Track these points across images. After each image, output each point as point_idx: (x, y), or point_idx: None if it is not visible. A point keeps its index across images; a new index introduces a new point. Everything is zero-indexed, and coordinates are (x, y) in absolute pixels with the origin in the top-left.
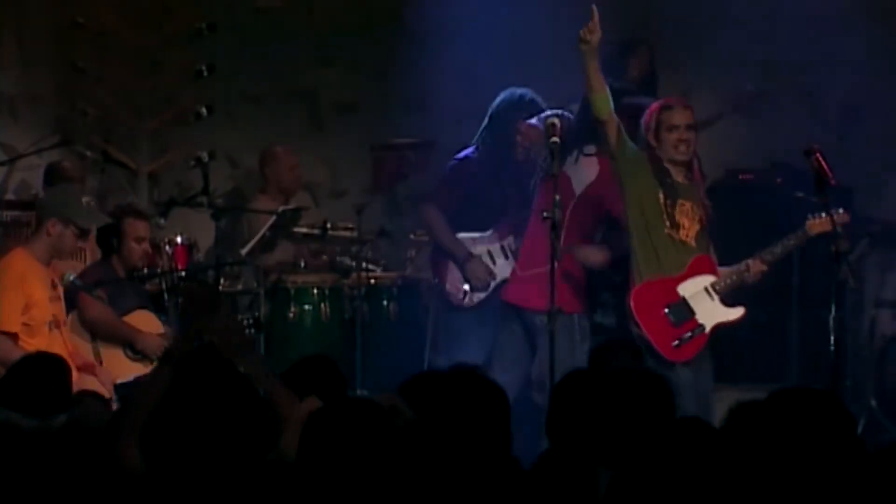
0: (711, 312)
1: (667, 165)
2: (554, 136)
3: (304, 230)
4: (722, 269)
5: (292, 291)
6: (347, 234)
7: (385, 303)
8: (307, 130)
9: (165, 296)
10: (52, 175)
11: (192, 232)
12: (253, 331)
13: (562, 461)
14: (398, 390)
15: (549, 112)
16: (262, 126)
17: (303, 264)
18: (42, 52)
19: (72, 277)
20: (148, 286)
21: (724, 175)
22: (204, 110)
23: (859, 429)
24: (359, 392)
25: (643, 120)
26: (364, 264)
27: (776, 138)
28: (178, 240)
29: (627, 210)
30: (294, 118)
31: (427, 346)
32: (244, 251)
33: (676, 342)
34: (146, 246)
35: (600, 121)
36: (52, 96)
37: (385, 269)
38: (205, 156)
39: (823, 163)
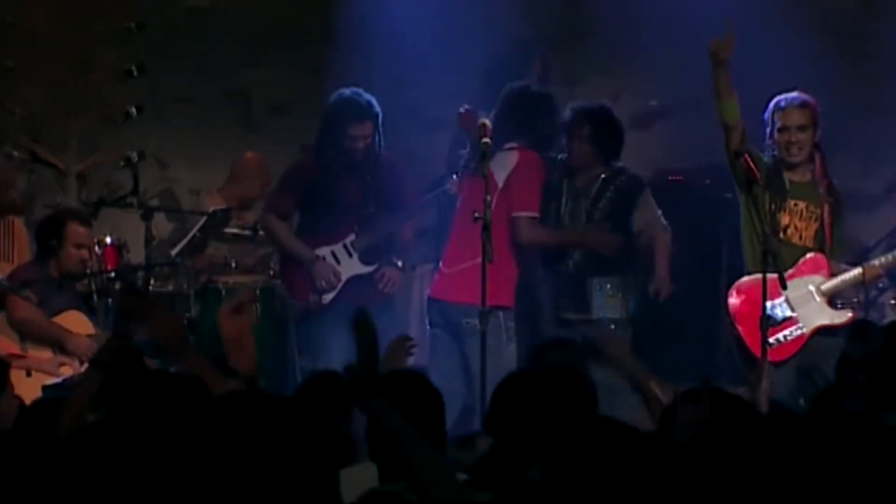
0: (814, 314)
1: (782, 165)
2: (485, 136)
3: (234, 231)
4: (844, 267)
5: (223, 292)
6: None
7: (282, 307)
8: (238, 131)
9: (95, 297)
10: None
11: (121, 232)
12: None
13: (499, 461)
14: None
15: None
16: (192, 126)
17: (234, 264)
18: None
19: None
20: (77, 287)
21: (653, 176)
22: (134, 110)
23: None
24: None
25: (765, 116)
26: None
27: (705, 140)
28: (108, 240)
29: (742, 212)
30: (225, 118)
31: (294, 351)
32: (174, 251)
33: (773, 341)
34: (85, 252)
35: (725, 126)
36: None
37: None
38: (134, 156)
39: (751, 164)
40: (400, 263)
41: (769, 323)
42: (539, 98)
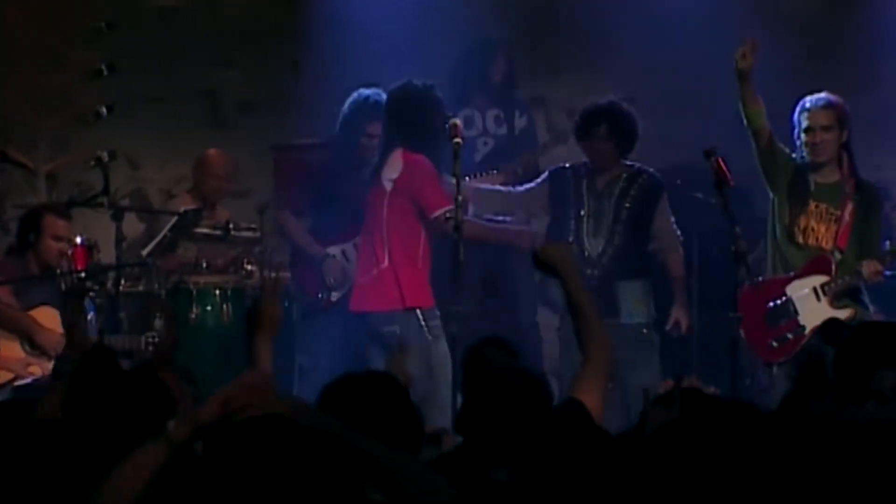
0: (815, 314)
1: (809, 166)
2: (456, 136)
3: (205, 231)
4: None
5: (194, 292)
6: (250, 234)
7: (287, 304)
8: (208, 130)
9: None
10: None
11: (91, 232)
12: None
13: (465, 460)
14: (321, 394)
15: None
16: (162, 126)
17: (204, 265)
18: None
19: None
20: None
21: None
22: (104, 110)
23: None
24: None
25: (794, 116)
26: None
27: (675, 139)
28: (78, 240)
29: (769, 213)
30: (195, 118)
31: (297, 348)
32: (144, 252)
33: (775, 342)
34: (64, 245)
35: (753, 132)
36: None
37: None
38: (105, 156)
39: (723, 164)
40: None
41: (771, 324)
42: (420, 95)
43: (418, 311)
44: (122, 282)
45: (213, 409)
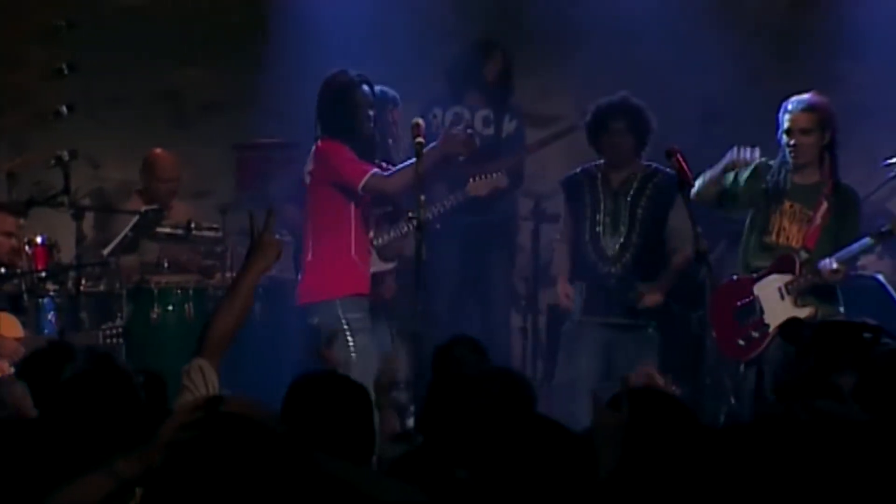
0: (779, 312)
1: (790, 166)
2: (418, 136)
3: (167, 230)
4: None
5: (155, 292)
6: (212, 234)
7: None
8: (171, 130)
9: (25, 297)
10: None
11: (52, 232)
12: (120, 339)
13: (428, 458)
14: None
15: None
16: (124, 126)
17: (166, 264)
18: None
19: None
20: (7, 288)
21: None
22: (64, 109)
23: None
24: (223, 391)
25: (778, 116)
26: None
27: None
28: (38, 240)
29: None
30: (157, 117)
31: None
32: (105, 251)
33: (742, 341)
34: (14, 242)
35: (707, 200)
36: None
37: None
38: (65, 155)
39: (684, 164)
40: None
41: (739, 323)
42: (340, 85)
43: (337, 302)
44: (83, 281)
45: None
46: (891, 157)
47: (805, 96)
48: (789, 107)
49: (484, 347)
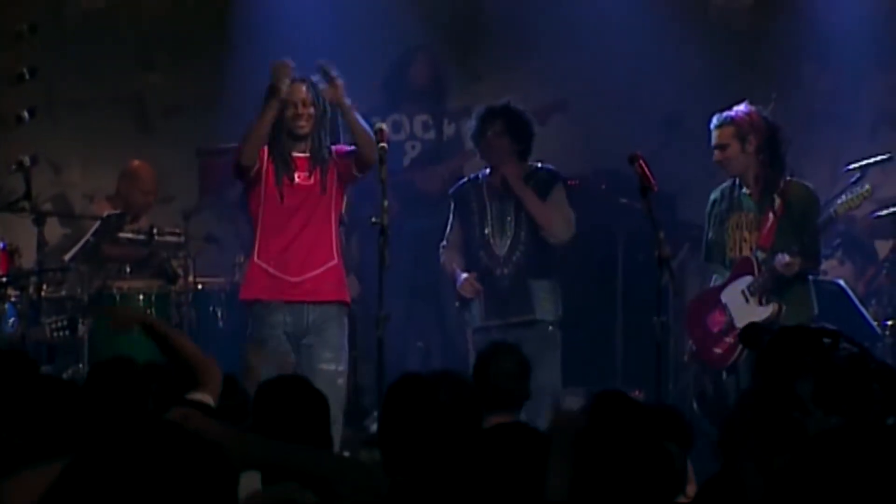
0: (746, 314)
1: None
2: (382, 141)
3: (129, 235)
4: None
5: (118, 297)
6: (174, 239)
7: (212, 309)
8: (133, 135)
9: None
10: None
11: (13, 237)
12: (67, 332)
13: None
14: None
15: None
16: (86, 130)
17: (128, 270)
18: None
19: None
20: None
21: None
22: (26, 114)
23: None
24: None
25: None
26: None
27: (600, 144)
28: (0, 245)
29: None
30: (119, 122)
31: None
32: (67, 257)
33: (719, 349)
34: None
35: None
36: None
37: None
38: (27, 160)
39: (646, 169)
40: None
41: (713, 332)
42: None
43: (251, 306)
44: (44, 287)
45: None
46: (853, 163)
47: (724, 112)
48: (711, 125)
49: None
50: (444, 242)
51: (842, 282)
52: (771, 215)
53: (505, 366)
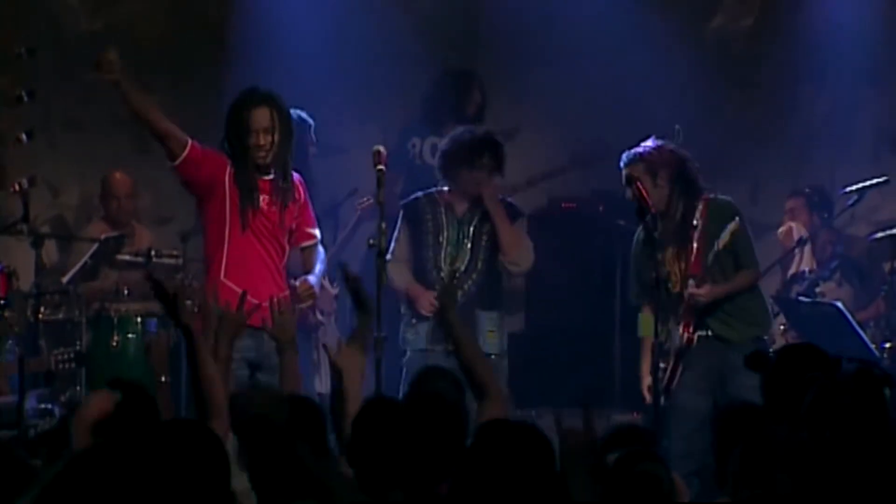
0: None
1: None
2: (379, 164)
3: (127, 257)
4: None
5: (115, 320)
6: (172, 261)
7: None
8: (131, 155)
9: None
10: None
11: (11, 260)
12: (73, 364)
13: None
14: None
15: None
16: (84, 152)
17: (126, 292)
18: None
19: None
20: None
21: (546, 204)
22: (24, 136)
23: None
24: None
25: None
26: None
27: (598, 166)
28: None
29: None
30: (117, 143)
31: None
32: (65, 279)
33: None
34: None
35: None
36: None
37: None
38: (24, 182)
39: (644, 191)
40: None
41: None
42: (233, 105)
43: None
44: (42, 309)
45: None
46: (849, 185)
47: (632, 150)
48: (620, 164)
49: (459, 378)
50: (390, 256)
51: (840, 304)
52: (695, 242)
53: (440, 387)
